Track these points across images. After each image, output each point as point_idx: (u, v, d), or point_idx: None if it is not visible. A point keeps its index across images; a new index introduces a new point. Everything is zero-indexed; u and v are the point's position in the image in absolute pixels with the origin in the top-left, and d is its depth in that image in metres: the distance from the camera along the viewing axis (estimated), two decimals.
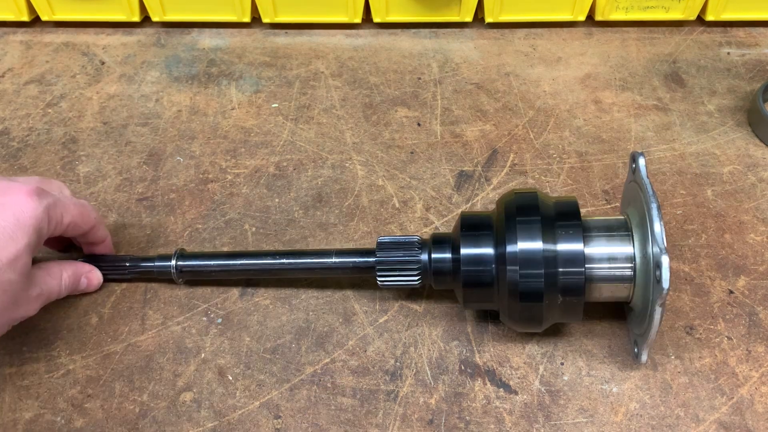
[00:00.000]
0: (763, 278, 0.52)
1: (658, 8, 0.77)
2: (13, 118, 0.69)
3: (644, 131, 0.65)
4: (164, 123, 0.68)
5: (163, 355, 0.48)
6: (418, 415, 0.45)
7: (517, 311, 0.44)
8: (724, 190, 0.59)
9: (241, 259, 0.51)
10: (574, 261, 0.42)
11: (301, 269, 0.50)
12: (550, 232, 0.43)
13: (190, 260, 0.51)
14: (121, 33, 0.81)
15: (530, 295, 0.43)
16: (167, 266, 0.51)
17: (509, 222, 0.44)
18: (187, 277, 0.52)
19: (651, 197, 0.40)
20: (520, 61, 0.75)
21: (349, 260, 0.49)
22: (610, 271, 0.43)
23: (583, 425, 0.44)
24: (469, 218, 0.47)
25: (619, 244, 0.43)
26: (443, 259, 0.46)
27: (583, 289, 0.43)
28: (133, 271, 0.51)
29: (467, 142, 0.65)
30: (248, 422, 0.45)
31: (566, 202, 0.45)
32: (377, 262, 0.47)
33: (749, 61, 0.74)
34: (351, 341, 0.49)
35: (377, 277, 0.47)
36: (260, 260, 0.50)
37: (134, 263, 0.51)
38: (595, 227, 0.45)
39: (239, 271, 0.51)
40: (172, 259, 0.51)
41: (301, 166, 0.63)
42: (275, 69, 0.75)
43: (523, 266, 0.42)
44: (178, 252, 0.51)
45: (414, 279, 0.47)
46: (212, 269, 0.51)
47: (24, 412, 0.45)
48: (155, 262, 0.51)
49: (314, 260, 0.49)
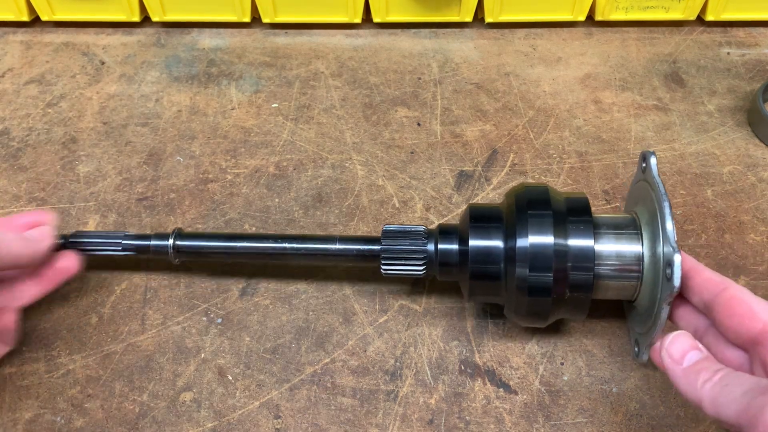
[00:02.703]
0: (763, 278, 0.52)
1: (658, 8, 0.77)
2: (13, 118, 0.69)
3: (644, 131, 0.65)
4: (164, 123, 0.68)
5: (163, 355, 0.48)
6: (418, 415, 0.45)
7: (524, 306, 0.43)
8: (724, 190, 0.59)
9: (242, 241, 0.49)
10: (584, 257, 0.42)
11: (303, 255, 0.48)
12: (562, 228, 0.43)
13: (189, 240, 0.49)
14: (121, 33, 0.81)
15: (538, 290, 0.42)
16: (164, 245, 0.49)
17: (520, 215, 0.43)
18: (184, 257, 0.50)
19: (663, 196, 0.41)
20: (520, 61, 0.75)
21: (353, 247, 0.48)
22: (618, 268, 0.43)
23: (583, 425, 0.44)
24: (478, 210, 0.46)
25: (628, 242, 0.43)
26: (450, 251, 0.46)
27: (591, 286, 0.42)
28: (129, 248, 0.49)
29: (467, 142, 0.65)
30: (248, 422, 0.45)
31: (577, 198, 0.45)
32: (382, 250, 0.46)
33: (749, 61, 0.74)
34: (351, 341, 0.49)
35: (382, 265, 0.46)
36: (262, 243, 0.48)
37: (130, 239, 0.49)
38: (604, 224, 0.44)
39: (240, 254, 0.49)
40: (170, 238, 0.49)
41: (301, 166, 0.63)
42: (275, 69, 0.75)
43: (533, 261, 0.42)
44: (176, 231, 0.49)
45: (419, 269, 0.46)
46: (211, 251, 0.49)
47: (24, 412, 0.45)
48: (152, 241, 0.49)
49: (317, 246, 0.48)
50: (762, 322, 0.35)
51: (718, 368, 0.33)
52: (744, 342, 0.36)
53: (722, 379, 0.32)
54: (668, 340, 0.36)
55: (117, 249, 0.49)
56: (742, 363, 0.37)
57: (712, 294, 0.38)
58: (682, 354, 0.35)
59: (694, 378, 0.34)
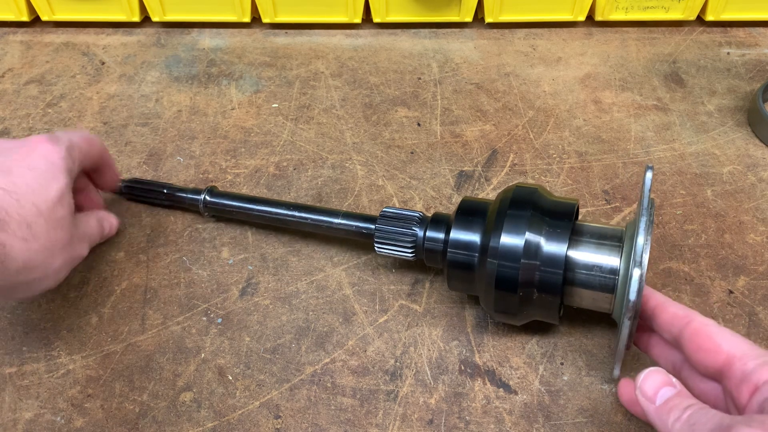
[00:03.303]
0: (763, 278, 0.52)
1: (658, 8, 0.77)
2: (13, 118, 0.69)
3: (644, 131, 0.65)
4: (164, 123, 0.68)
5: (163, 355, 0.48)
6: (418, 415, 0.45)
7: (492, 299, 0.44)
8: (724, 190, 0.59)
9: (260, 204, 0.55)
10: (554, 259, 0.42)
11: (310, 224, 0.53)
12: (537, 228, 0.43)
13: (217, 198, 0.56)
14: (121, 33, 0.81)
15: (505, 285, 0.43)
16: (197, 199, 0.56)
17: (500, 212, 0.44)
18: (212, 212, 0.57)
19: (644, 210, 0.40)
20: (520, 61, 0.75)
21: (353, 224, 0.52)
22: (592, 278, 0.43)
23: (583, 425, 0.44)
24: (466, 203, 0.48)
25: (607, 254, 0.43)
26: (436, 239, 0.48)
27: (559, 288, 0.43)
28: (170, 198, 0.57)
29: (467, 142, 0.65)
30: (248, 422, 0.45)
31: (564, 203, 0.45)
32: (376, 230, 0.50)
33: (749, 61, 0.74)
34: (351, 341, 0.49)
35: (375, 244, 0.50)
36: (275, 209, 0.54)
37: (171, 191, 0.57)
38: (588, 233, 0.44)
39: (256, 215, 0.55)
40: (203, 194, 0.56)
41: (301, 166, 0.63)
42: (275, 69, 0.75)
43: (503, 255, 0.43)
44: (209, 188, 0.56)
45: (408, 252, 0.49)
46: (233, 209, 0.55)
47: (24, 412, 0.46)
48: (188, 194, 0.57)
49: (322, 217, 0.53)
50: (724, 354, 0.35)
51: (687, 405, 0.33)
52: (712, 374, 0.36)
53: (690, 417, 0.32)
54: (641, 377, 0.36)
55: (161, 198, 0.58)
56: (718, 394, 0.37)
57: (678, 329, 0.38)
58: (655, 391, 0.35)
59: (666, 417, 0.33)
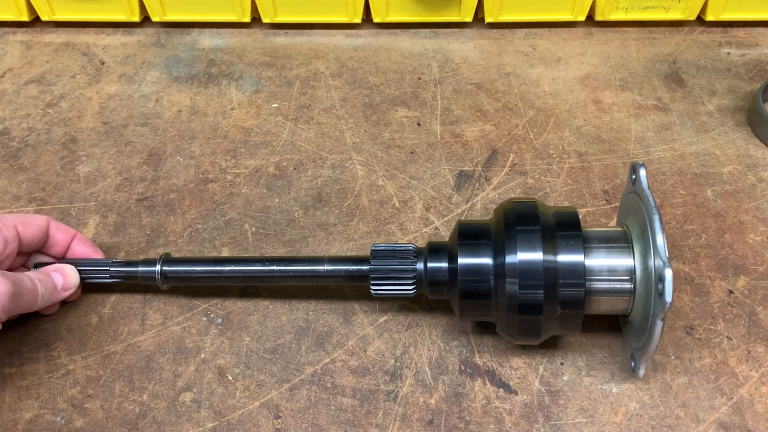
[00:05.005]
0: (763, 278, 0.52)
1: (658, 8, 0.77)
2: (13, 118, 0.69)
3: (644, 131, 0.65)
4: (164, 123, 0.68)
5: (163, 355, 0.48)
6: (418, 415, 0.45)
7: (515, 324, 0.43)
8: (724, 190, 0.59)
9: (229, 265, 0.48)
10: (574, 273, 0.41)
11: (292, 277, 0.48)
12: (551, 243, 0.42)
13: (176, 266, 0.49)
14: (121, 33, 0.81)
15: (529, 308, 0.41)
16: (151, 271, 0.49)
17: (509, 231, 0.42)
18: (172, 283, 0.50)
19: (653, 209, 0.40)
20: (520, 61, 0.75)
21: (342, 268, 0.47)
22: (610, 283, 0.42)
23: (583, 425, 0.44)
24: (466, 227, 0.45)
25: (619, 256, 0.42)
26: (439, 269, 0.45)
27: (583, 302, 0.42)
28: (116, 275, 0.49)
29: (467, 142, 0.65)
30: (248, 422, 0.45)
31: (566, 212, 0.44)
32: (371, 271, 0.46)
33: (749, 61, 0.74)
34: (351, 341, 0.49)
35: (371, 286, 0.46)
36: (249, 266, 0.48)
37: (118, 266, 0.49)
38: (594, 238, 0.44)
39: (227, 278, 0.49)
40: (157, 264, 0.49)
41: (301, 166, 0.63)
42: (275, 69, 0.75)
43: (523, 278, 0.41)
44: (164, 257, 0.49)
45: (409, 289, 0.45)
46: (198, 275, 0.49)
47: (24, 412, 0.45)
48: (139, 267, 0.49)
49: (306, 267, 0.48)
50: None
51: None
52: None
53: None
54: None
55: (105, 276, 0.50)
56: None
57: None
58: None
59: None
